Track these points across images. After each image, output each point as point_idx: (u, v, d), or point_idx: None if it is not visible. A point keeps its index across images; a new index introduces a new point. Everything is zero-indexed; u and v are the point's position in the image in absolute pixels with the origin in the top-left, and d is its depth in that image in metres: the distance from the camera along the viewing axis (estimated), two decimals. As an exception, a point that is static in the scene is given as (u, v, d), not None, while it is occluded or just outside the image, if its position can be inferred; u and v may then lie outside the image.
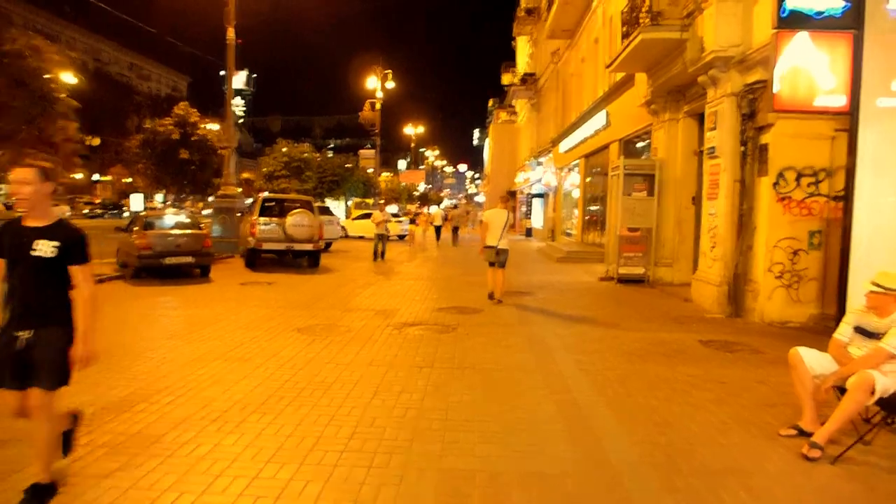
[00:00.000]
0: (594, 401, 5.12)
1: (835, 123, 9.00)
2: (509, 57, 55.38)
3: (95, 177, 60.26)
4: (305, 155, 27.81)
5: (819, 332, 8.68)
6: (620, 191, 12.81)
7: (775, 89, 5.65)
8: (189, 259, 12.80)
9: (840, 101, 5.50)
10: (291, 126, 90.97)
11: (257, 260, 15.91)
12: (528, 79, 38.51)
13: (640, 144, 16.55)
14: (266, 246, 15.47)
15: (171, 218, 14.01)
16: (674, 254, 12.63)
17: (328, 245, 23.27)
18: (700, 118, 12.22)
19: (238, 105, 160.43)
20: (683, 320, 9.18)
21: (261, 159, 28.62)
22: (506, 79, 53.99)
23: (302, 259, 16.58)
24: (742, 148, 9.46)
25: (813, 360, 4.31)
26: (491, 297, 10.53)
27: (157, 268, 12.37)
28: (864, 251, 5.51)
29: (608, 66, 13.00)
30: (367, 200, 49.20)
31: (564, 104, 28.30)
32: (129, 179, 39.12)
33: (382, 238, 18.90)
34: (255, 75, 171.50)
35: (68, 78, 23.01)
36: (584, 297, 11.30)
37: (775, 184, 9.01)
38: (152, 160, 16.66)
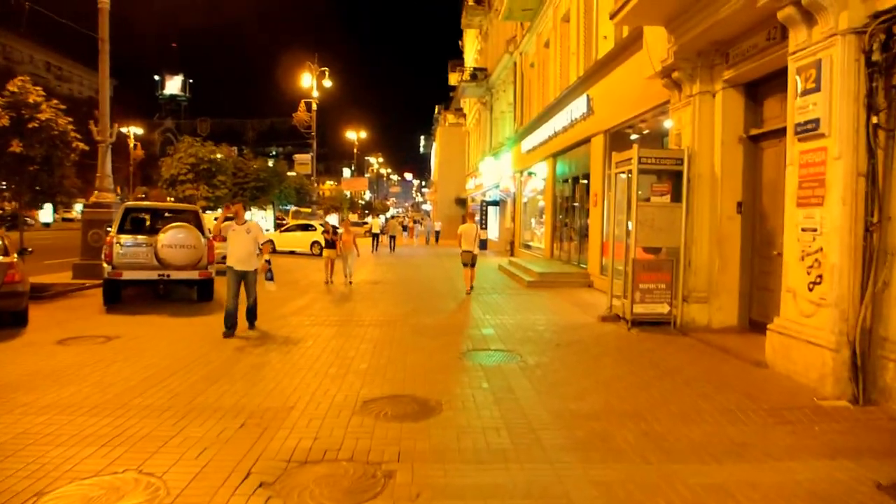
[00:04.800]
0: None
1: None
2: (457, 58, 51.84)
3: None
4: (218, 156, 22.92)
5: None
6: (633, 194, 8.92)
7: None
8: (-23, 304, 8.19)
9: None
10: (223, 129, 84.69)
11: (119, 295, 11.30)
12: (479, 74, 34.79)
13: (635, 136, 12.79)
14: (129, 275, 10.91)
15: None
16: (711, 285, 8.78)
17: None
18: (748, 88, 8.49)
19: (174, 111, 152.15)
20: (788, 415, 5.25)
21: (162, 161, 23.61)
22: (453, 79, 50.27)
23: (192, 289, 12.05)
24: (874, 119, 5.66)
25: None
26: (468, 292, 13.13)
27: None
28: None
29: (612, 16, 9.10)
30: (304, 210, 44.58)
31: (524, 99, 24.58)
32: None
33: (239, 278, 8.63)
34: (191, 81, 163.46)
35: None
36: (596, 361, 7.25)
37: (942, 178, 5.25)
38: (-30, 156, 11.91)
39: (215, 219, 12.07)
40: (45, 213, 54.44)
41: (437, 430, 4.78)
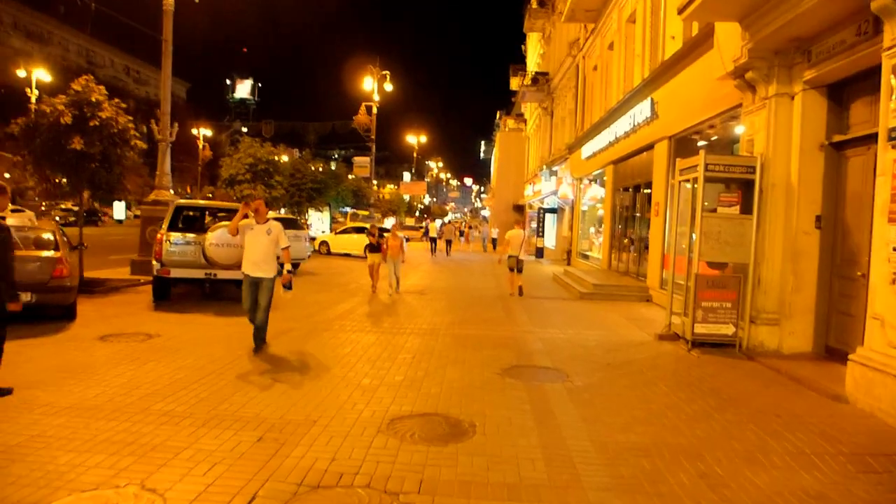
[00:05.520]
0: None
1: None
2: (519, 62, 51.27)
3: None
4: (284, 158, 23.15)
5: None
6: (698, 204, 8.24)
7: None
8: (26, 297, 8.26)
9: None
10: (286, 131, 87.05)
11: (168, 292, 11.38)
12: (541, 78, 34.12)
13: (702, 143, 11.99)
14: (176, 273, 10.97)
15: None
16: (783, 306, 7.98)
17: (294, 266, 18.75)
18: (832, 89, 7.68)
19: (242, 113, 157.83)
20: (873, 462, 4.53)
21: (222, 161, 24.05)
22: (514, 83, 49.90)
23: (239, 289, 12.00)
24: None
25: None
26: (511, 294, 13.84)
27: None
28: None
29: (680, 11, 8.44)
30: (361, 212, 44.91)
31: (585, 103, 23.83)
32: (7, 175, 31.69)
33: (253, 285, 7.62)
34: (259, 85, 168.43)
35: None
36: (650, 386, 6.62)
37: None
38: (36, 152, 12.24)
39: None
40: (119, 210, 56.95)
41: (466, 457, 4.34)
